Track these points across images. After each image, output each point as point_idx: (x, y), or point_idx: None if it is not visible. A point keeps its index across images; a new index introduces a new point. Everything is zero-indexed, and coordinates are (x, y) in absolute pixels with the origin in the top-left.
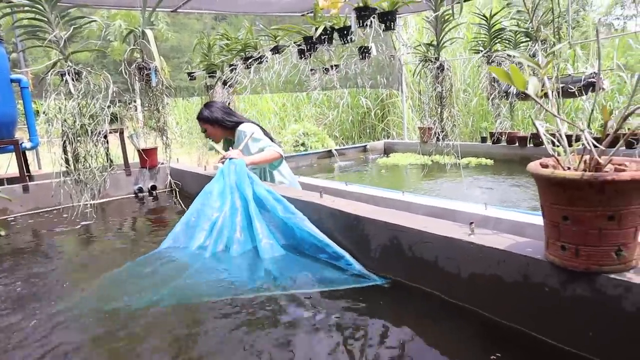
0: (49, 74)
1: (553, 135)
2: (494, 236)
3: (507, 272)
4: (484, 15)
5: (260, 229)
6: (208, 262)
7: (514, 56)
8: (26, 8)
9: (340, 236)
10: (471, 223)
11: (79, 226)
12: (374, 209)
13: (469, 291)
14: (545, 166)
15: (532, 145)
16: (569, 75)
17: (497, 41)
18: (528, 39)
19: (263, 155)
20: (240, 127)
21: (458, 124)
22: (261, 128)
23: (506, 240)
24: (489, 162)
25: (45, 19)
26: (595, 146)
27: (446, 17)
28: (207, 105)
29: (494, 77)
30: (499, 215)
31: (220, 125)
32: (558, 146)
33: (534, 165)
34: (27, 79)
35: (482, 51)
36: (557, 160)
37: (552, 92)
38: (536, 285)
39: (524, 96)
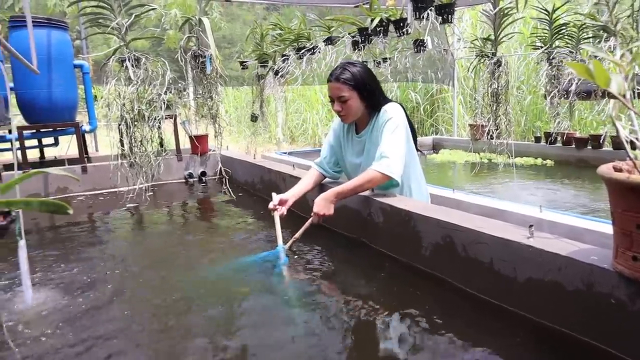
0: (110, 60)
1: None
2: (555, 241)
3: (569, 280)
4: (545, 10)
5: None
6: None
7: (592, 54)
8: None
9: (390, 231)
10: (531, 226)
11: (133, 207)
12: (426, 206)
13: (525, 296)
14: (619, 170)
15: (590, 147)
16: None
17: (558, 37)
18: (594, 36)
19: (363, 179)
20: (387, 108)
21: (512, 122)
22: (408, 119)
23: (568, 246)
24: (544, 162)
25: (109, 7)
26: None
27: (506, 11)
28: (350, 64)
29: (554, 75)
30: (555, 219)
31: (366, 99)
32: (634, 149)
33: (606, 169)
34: (89, 65)
35: (541, 47)
36: (634, 164)
37: (631, 91)
38: (601, 295)
39: (585, 95)
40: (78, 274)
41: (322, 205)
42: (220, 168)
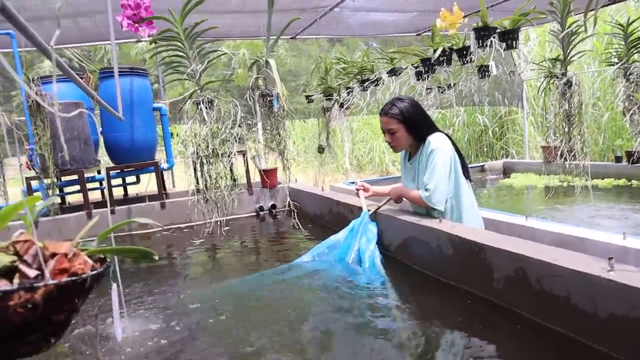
0: (186, 103)
1: None
2: (638, 274)
3: None
4: (619, 24)
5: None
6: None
7: None
8: (170, 46)
9: (459, 263)
10: (610, 258)
11: (208, 242)
12: (496, 237)
13: (607, 333)
14: None
15: None
16: None
17: (635, 51)
18: None
19: (413, 195)
20: (432, 139)
21: (588, 142)
22: (455, 147)
23: None
24: (628, 183)
25: (185, 55)
26: None
27: (575, 30)
28: (399, 100)
29: (633, 91)
30: None
31: (412, 130)
32: None
33: None
34: (166, 107)
35: (616, 63)
36: None
37: None
38: None
39: None
40: (162, 308)
41: (394, 192)
42: (289, 201)
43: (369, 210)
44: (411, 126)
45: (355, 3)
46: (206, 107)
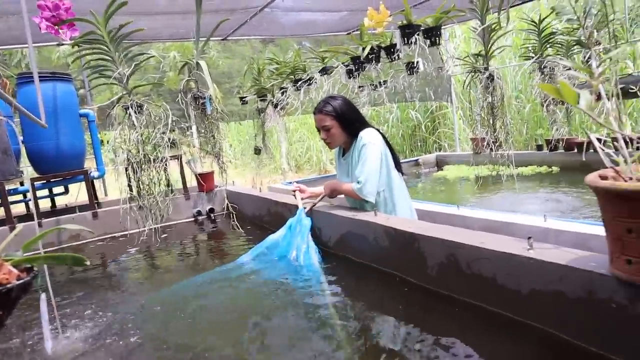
0: (114, 108)
1: (615, 139)
2: (554, 250)
3: (570, 288)
4: (532, 21)
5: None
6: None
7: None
8: (94, 50)
9: (396, 254)
10: (529, 238)
11: (144, 250)
12: (430, 226)
13: (530, 308)
14: (604, 178)
15: (592, 151)
16: (630, 74)
17: (548, 46)
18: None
19: (347, 188)
20: (363, 135)
21: (512, 132)
22: (386, 142)
23: (567, 255)
24: (549, 170)
25: (110, 58)
26: None
27: (493, 27)
28: (332, 98)
29: (547, 83)
30: (560, 227)
31: (346, 126)
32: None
33: (592, 177)
34: (94, 113)
35: (532, 57)
36: (616, 170)
37: (612, 97)
38: (602, 301)
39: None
40: (97, 319)
41: (327, 186)
42: (227, 204)
43: (304, 208)
44: (345, 122)
45: (285, 3)
46: (135, 112)
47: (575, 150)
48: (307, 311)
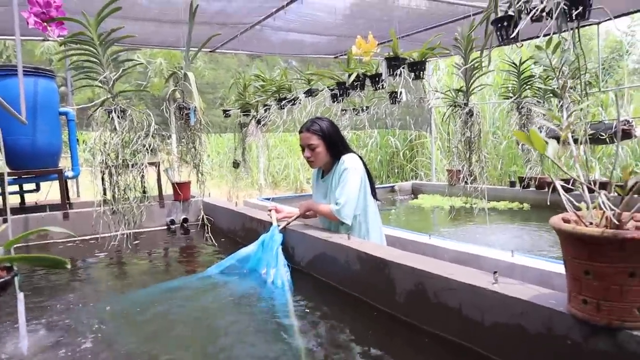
0: (97, 110)
1: (581, 185)
2: (518, 286)
3: (530, 323)
4: (513, 63)
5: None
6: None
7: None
8: (82, 50)
9: (366, 278)
10: (495, 272)
11: (114, 255)
12: (400, 254)
13: (492, 340)
14: (567, 221)
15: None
16: (601, 121)
17: (526, 88)
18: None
19: (324, 209)
20: (345, 159)
21: (487, 168)
22: (365, 168)
23: (530, 291)
24: (521, 206)
25: (98, 61)
26: (621, 197)
27: (475, 65)
28: (319, 119)
29: (523, 123)
30: (525, 263)
31: (330, 148)
32: (580, 202)
33: (556, 220)
34: (74, 112)
35: (511, 97)
36: (578, 216)
37: (580, 144)
38: (559, 337)
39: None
40: (65, 322)
41: (302, 205)
42: (203, 215)
43: (278, 225)
44: (330, 144)
45: (276, 22)
46: (118, 116)
47: (546, 189)
48: (270, 329)
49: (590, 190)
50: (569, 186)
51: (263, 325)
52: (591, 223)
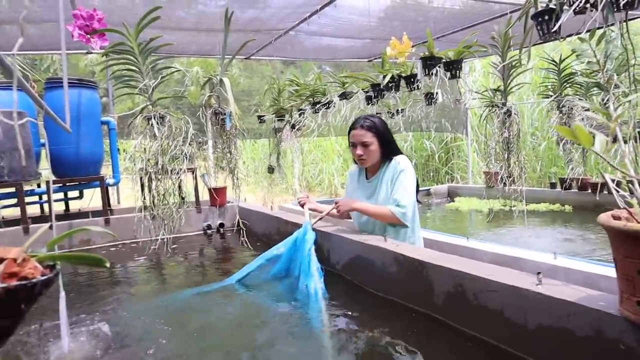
0: (137, 118)
1: (630, 182)
2: (563, 287)
3: (578, 326)
4: (553, 60)
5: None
6: None
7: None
8: (122, 60)
9: (403, 280)
10: (538, 273)
11: (155, 259)
12: (438, 255)
13: (536, 343)
14: (617, 218)
15: (606, 192)
16: None
17: (567, 86)
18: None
19: (379, 210)
20: (400, 160)
21: (526, 169)
22: None
23: (576, 292)
24: (562, 208)
25: (137, 70)
26: None
27: (514, 63)
28: (372, 116)
29: (564, 122)
30: (569, 266)
31: (383, 146)
32: (632, 197)
33: (605, 217)
34: (115, 122)
35: (551, 96)
36: (630, 212)
37: (629, 139)
38: (610, 341)
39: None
40: (107, 324)
41: (344, 203)
42: (238, 220)
43: (310, 221)
44: (384, 142)
45: (310, 27)
46: (157, 123)
47: (589, 191)
48: (312, 331)
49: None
50: (615, 185)
51: (297, 331)
52: None
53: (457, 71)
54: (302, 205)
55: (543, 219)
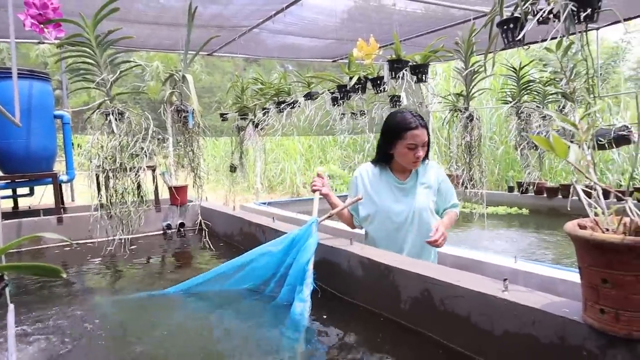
0: (94, 113)
1: (590, 189)
2: (529, 294)
3: (543, 333)
4: (512, 67)
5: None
6: None
7: (551, 116)
8: (78, 52)
9: (369, 285)
10: (505, 279)
11: (112, 260)
12: (404, 259)
13: (502, 350)
14: (583, 227)
15: (560, 196)
16: (599, 127)
17: (525, 93)
18: (562, 97)
19: (454, 219)
20: (429, 162)
21: (486, 172)
22: None
23: (541, 299)
24: (519, 211)
25: (95, 63)
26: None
27: (477, 69)
28: (417, 113)
29: (522, 127)
30: (529, 270)
31: (429, 146)
32: (596, 207)
33: (571, 226)
34: (69, 116)
35: (510, 101)
36: (596, 221)
37: (589, 149)
38: (573, 348)
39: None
40: (59, 334)
41: (449, 225)
42: (200, 220)
43: (317, 219)
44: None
45: (275, 25)
46: (116, 119)
47: (545, 195)
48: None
49: (606, 197)
50: (581, 192)
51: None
52: (608, 230)
53: (423, 75)
54: (315, 192)
55: (502, 222)
